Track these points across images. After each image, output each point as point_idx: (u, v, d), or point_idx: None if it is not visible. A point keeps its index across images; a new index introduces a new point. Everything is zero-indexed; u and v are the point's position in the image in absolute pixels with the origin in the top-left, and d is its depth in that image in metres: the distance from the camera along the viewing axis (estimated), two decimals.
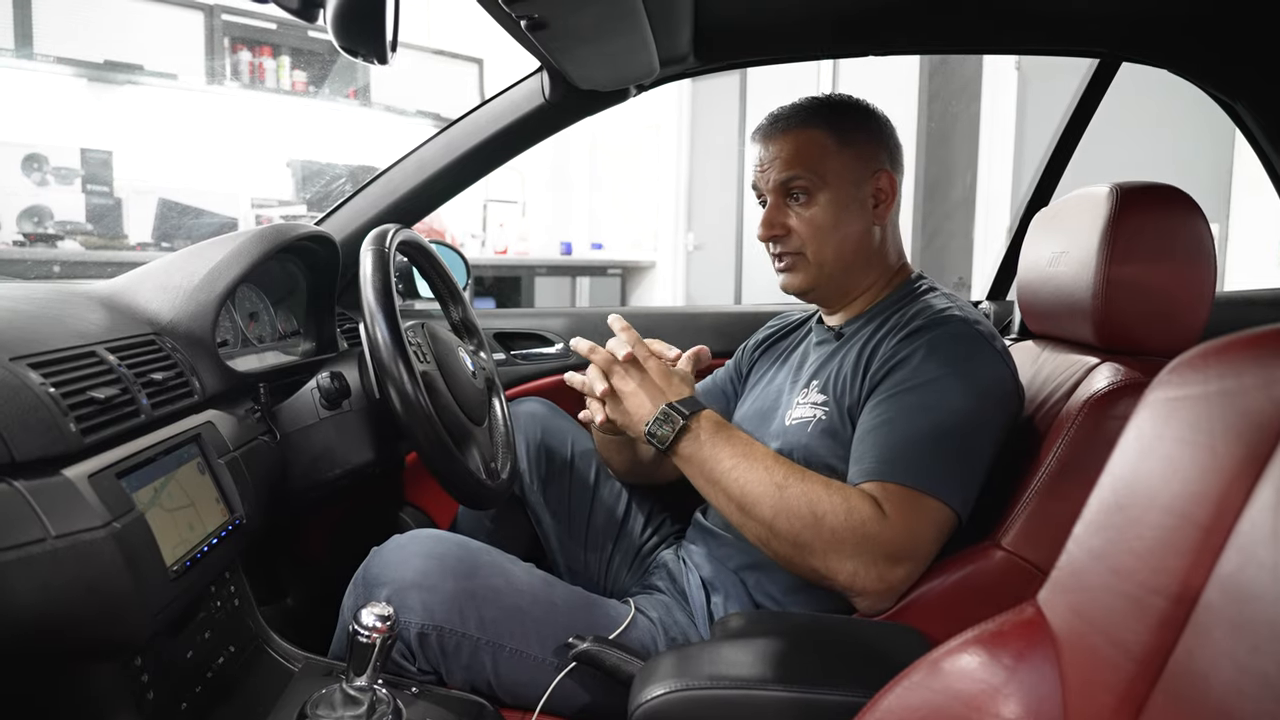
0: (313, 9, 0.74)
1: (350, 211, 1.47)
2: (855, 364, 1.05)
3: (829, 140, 1.10)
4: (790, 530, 0.90)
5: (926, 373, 0.97)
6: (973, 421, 0.94)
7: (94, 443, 0.71)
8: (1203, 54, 1.35)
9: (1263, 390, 0.38)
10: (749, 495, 0.92)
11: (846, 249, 1.11)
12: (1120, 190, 0.97)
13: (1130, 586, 0.42)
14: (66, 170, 3.35)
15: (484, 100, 1.44)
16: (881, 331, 1.06)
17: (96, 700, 0.72)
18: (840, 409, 1.04)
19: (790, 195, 1.11)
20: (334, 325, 1.33)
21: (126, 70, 3.63)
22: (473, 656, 0.97)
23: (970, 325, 1.01)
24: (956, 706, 0.50)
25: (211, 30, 3.89)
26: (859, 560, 0.88)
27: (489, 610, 0.98)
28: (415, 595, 0.96)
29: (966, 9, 1.29)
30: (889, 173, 1.12)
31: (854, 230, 1.11)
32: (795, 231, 1.11)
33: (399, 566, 0.99)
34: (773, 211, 1.12)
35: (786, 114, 1.14)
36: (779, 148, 1.11)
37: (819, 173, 1.09)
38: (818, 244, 1.10)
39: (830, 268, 1.12)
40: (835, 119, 1.12)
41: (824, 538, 0.88)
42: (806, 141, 1.10)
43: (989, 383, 0.97)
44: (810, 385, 1.11)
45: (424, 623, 0.96)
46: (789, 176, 1.10)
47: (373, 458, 1.10)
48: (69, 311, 0.85)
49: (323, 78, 4.36)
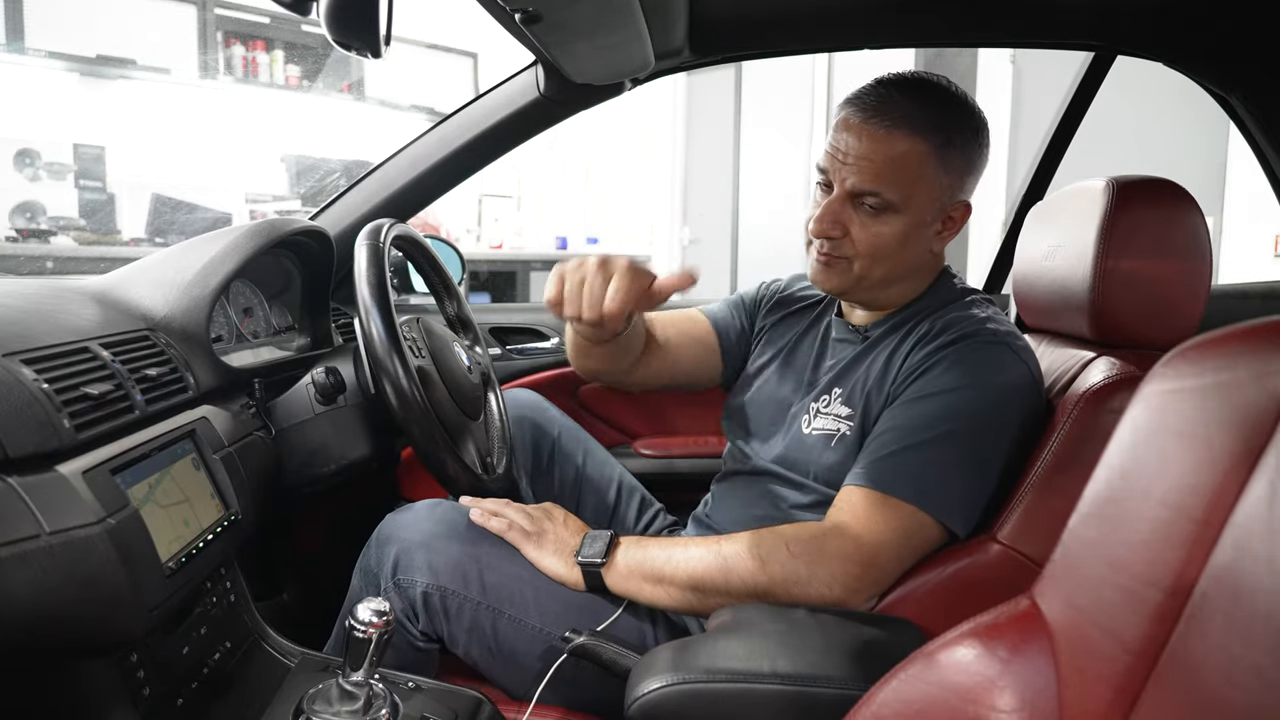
0: (306, 3, 0.73)
1: (345, 206, 1.47)
2: (882, 375, 1.02)
3: (930, 159, 0.98)
4: (745, 586, 0.92)
5: (943, 384, 0.95)
6: (985, 439, 0.93)
7: (88, 439, 0.70)
8: (1198, 47, 1.35)
9: (1257, 383, 0.39)
10: (695, 571, 0.94)
11: (897, 270, 1.04)
12: (1115, 184, 0.97)
13: (1125, 579, 0.42)
14: (59, 165, 3.33)
15: (478, 94, 1.43)
16: (912, 339, 1.02)
17: (92, 696, 0.72)
18: (865, 425, 1.01)
19: (863, 200, 1.00)
20: (329, 320, 1.33)
21: (119, 65, 3.60)
22: (474, 620, 0.98)
23: (1000, 336, 0.98)
24: (952, 699, 0.50)
25: (204, 24, 3.87)
26: (820, 579, 0.90)
27: (491, 575, 0.98)
28: (421, 555, 0.98)
29: (962, 2, 1.29)
30: (968, 205, 1.05)
31: (913, 255, 1.04)
32: (854, 240, 1.01)
33: (410, 527, 1.01)
34: (836, 208, 1.01)
35: (897, 106, 0.98)
36: (874, 148, 0.97)
37: (906, 196, 0.98)
38: (872, 261, 1.01)
39: (873, 283, 1.04)
40: (945, 130, 0.99)
41: (778, 578, 0.91)
42: (906, 154, 0.97)
43: (1011, 393, 0.95)
44: (833, 393, 1.06)
45: (429, 582, 0.97)
46: (872, 189, 0.98)
47: (368, 453, 1.10)
48: (62, 307, 0.84)
49: (316, 72, 4.34)
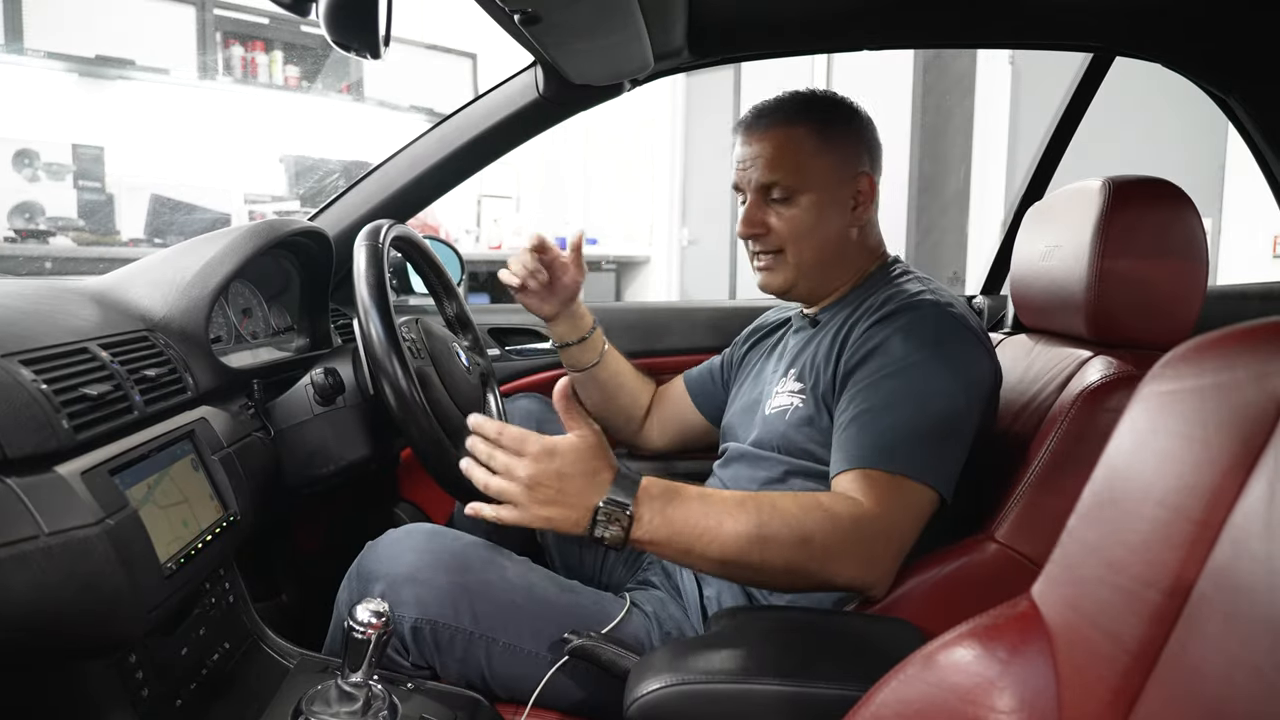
0: (305, 3, 0.73)
1: (344, 207, 1.47)
2: (829, 350, 1.06)
3: (812, 141, 1.09)
4: (782, 562, 0.85)
5: (904, 358, 0.97)
6: (952, 403, 0.95)
7: (87, 439, 0.70)
8: (1197, 48, 1.35)
9: (1256, 384, 0.39)
10: (729, 549, 0.84)
11: (826, 250, 1.11)
12: (1113, 184, 0.97)
13: (1124, 579, 0.42)
14: (58, 166, 3.33)
15: (478, 95, 1.43)
16: (855, 317, 1.06)
17: (91, 697, 0.72)
18: (815, 396, 1.05)
19: (771, 195, 1.10)
20: (328, 321, 1.33)
21: (118, 65, 3.60)
22: (467, 650, 0.97)
23: (943, 308, 1.01)
24: (951, 700, 0.50)
25: (203, 25, 3.87)
26: (853, 560, 0.87)
27: (482, 604, 0.98)
28: (409, 589, 0.96)
29: (961, 3, 1.29)
30: (869, 175, 1.12)
31: (833, 231, 1.11)
32: (775, 231, 1.11)
33: (393, 560, 0.99)
34: (753, 210, 1.11)
35: (770, 110, 1.12)
36: (762, 147, 1.10)
37: (801, 174, 1.08)
38: (798, 245, 1.10)
39: (808, 268, 1.12)
40: (819, 118, 1.11)
41: (817, 556, 0.86)
42: (789, 141, 1.09)
43: (965, 363, 0.98)
44: (788, 374, 1.12)
45: (418, 616, 0.96)
46: (771, 179, 1.09)
47: (367, 454, 1.10)
48: (61, 308, 0.84)
49: (316, 72, 4.34)
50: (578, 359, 1.36)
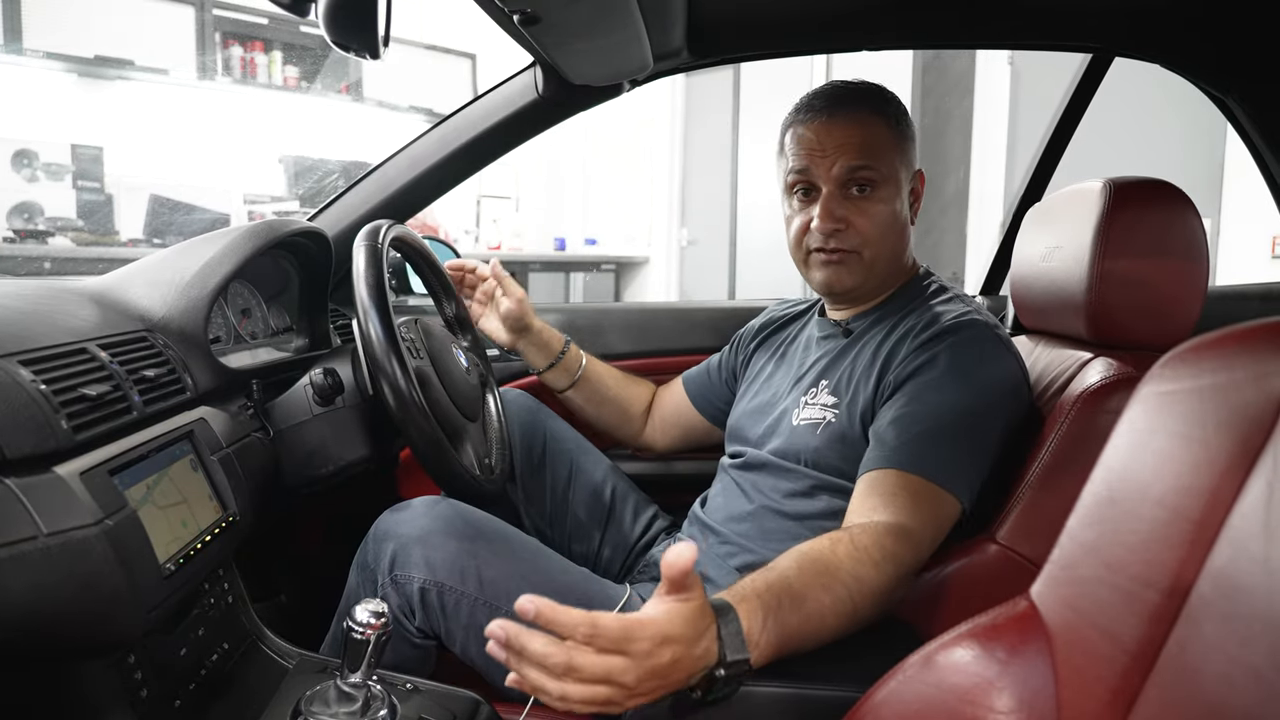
0: (305, 3, 0.73)
1: (343, 207, 1.47)
2: (869, 366, 1.04)
3: (889, 131, 1.05)
4: (858, 618, 0.81)
5: (948, 375, 0.97)
6: (986, 420, 0.95)
7: (86, 440, 0.70)
8: (1196, 49, 1.35)
9: (1254, 384, 0.39)
10: (826, 638, 0.78)
11: (898, 250, 1.09)
12: (1113, 185, 0.97)
13: (1123, 580, 0.42)
14: (57, 166, 3.33)
15: (477, 95, 1.43)
16: (897, 334, 1.05)
17: (90, 698, 0.72)
18: (851, 412, 1.03)
19: (851, 187, 1.05)
20: (327, 321, 1.33)
21: (117, 65, 3.60)
22: (471, 617, 0.97)
23: (989, 329, 1.01)
24: (950, 700, 0.50)
25: (203, 25, 3.87)
26: (899, 581, 0.85)
27: (488, 570, 0.98)
28: (418, 550, 0.97)
29: (960, 3, 1.29)
30: (922, 172, 1.11)
31: (902, 229, 1.08)
32: (855, 226, 1.05)
33: (405, 524, 1.00)
34: (833, 202, 1.05)
35: (848, 96, 1.06)
36: (845, 133, 1.04)
37: (885, 167, 1.04)
38: (878, 243, 1.06)
39: (880, 266, 1.08)
40: (890, 109, 1.07)
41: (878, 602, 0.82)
42: (873, 130, 1.04)
43: (1006, 384, 0.98)
44: (820, 385, 1.09)
45: (426, 578, 0.97)
46: (858, 166, 1.03)
47: (366, 454, 1.10)
48: (60, 308, 0.84)
49: (315, 73, 4.34)
50: (555, 382, 1.37)
